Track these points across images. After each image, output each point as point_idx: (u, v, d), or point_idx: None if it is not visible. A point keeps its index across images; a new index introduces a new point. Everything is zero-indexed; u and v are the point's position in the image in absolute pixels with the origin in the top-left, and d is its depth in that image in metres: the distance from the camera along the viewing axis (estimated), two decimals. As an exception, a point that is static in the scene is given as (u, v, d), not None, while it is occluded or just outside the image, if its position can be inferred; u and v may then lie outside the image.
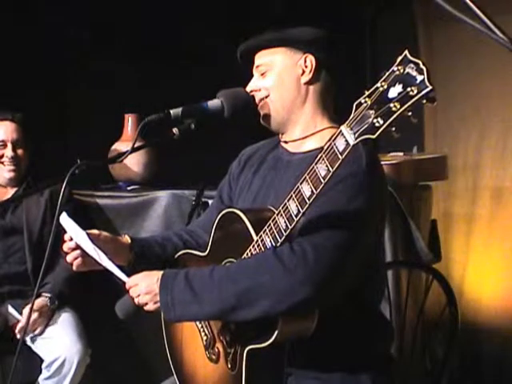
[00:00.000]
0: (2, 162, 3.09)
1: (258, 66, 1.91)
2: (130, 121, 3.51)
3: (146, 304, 1.75)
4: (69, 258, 1.91)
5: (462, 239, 3.68)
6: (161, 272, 1.75)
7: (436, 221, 3.18)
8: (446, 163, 3.23)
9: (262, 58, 1.90)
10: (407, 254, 2.90)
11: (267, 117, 1.89)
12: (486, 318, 3.53)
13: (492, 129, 3.63)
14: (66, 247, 1.90)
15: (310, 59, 1.85)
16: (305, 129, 1.87)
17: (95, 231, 1.89)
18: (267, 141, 2.03)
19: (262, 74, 1.89)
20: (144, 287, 1.75)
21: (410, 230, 2.90)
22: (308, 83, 1.85)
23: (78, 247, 1.88)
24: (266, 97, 1.87)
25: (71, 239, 1.88)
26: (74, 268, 1.92)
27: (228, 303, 1.64)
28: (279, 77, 1.86)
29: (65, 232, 1.89)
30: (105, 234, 1.92)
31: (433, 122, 3.87)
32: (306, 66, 1.85)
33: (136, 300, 1.77)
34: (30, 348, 2.96)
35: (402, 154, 3.20)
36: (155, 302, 1.73)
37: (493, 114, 3.61)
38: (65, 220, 1.88)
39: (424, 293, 2.46)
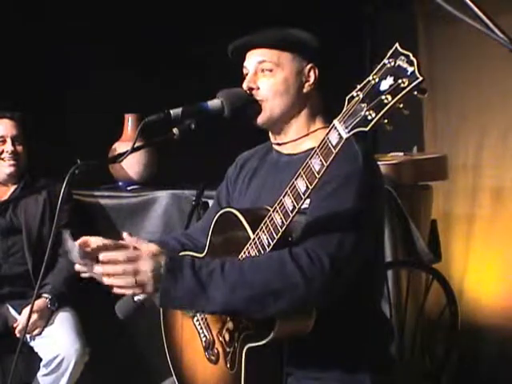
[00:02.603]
0: (2, 158, 3.09)
1: (261, 62, 1.85)
2: (129, 121, 3.51)
3: (143, 285, 1.58)
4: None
5: (462, 239, 3.68)
6: (164, 257, 1.60)
7: (436, 221, 3.18)
8: (446, 163, 3.23)
9: (269, 56, 1.84)
10: (407, 254, 2.90)
11: (262, 118, 1.85)
12: (486, 317, 3.53)
13: (492, 129, 3.63)
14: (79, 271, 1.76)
15: (314, 71, 1.85)
16: (297, 132, 1.87)
17: (95, 242, 1.73)
18: (262, 145, 2.04)
19: (266, 71, 1.84)
20: (149, 266, 1.57)
21: (409, 230, 2.90)
22: (307, 93, 1.86)
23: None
24: (264, 99, 1.83)
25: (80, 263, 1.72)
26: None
27: (240, 306, 1.61)
28: (285, 81, 1.84)
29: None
30: (106, 242, 1.74)
31: (433, 121, 3.87)
32: (309, 77, 1.85)
33: (129, 279, 1.56)
34: (30, 348, 2.96)
35: (401, 153, 3.20)
36: (153, 287, 1.58)
37: (493, 113, 3.61)
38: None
39: (424, 293, 2.47)
